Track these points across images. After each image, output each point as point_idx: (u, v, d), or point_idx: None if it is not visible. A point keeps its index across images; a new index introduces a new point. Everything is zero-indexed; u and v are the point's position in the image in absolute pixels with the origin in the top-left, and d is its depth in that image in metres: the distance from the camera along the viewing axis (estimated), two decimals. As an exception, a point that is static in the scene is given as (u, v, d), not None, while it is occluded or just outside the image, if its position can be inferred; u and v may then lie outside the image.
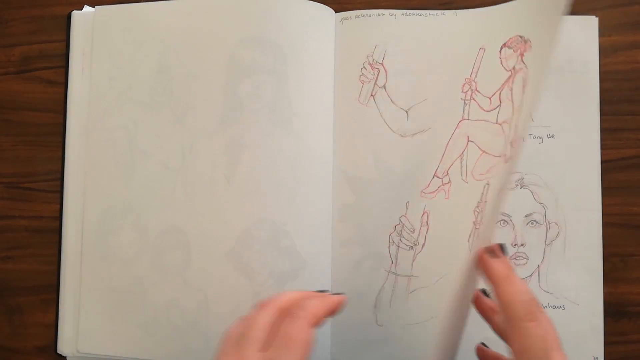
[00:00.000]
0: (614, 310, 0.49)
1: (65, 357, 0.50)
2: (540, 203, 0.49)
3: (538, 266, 0.49)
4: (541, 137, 0.50)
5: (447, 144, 0.49)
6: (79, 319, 0.49)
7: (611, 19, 0.52)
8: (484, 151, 0.47)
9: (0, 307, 0.52)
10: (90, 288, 0.48)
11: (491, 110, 0.47)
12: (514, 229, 0.49)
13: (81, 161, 0.50)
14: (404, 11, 0.50)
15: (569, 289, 0.48)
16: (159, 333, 0.47)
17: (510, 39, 0.45)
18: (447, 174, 0.49)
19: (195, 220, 0.48)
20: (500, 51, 0.47)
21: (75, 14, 0.52)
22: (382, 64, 0.50)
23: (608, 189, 0.49)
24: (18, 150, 0.53)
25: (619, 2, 0.52)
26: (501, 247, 0.38)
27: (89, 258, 0.49)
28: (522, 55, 0.43)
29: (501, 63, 0.48)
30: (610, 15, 0.52)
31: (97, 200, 0.49)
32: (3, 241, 0.52)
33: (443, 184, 0.49)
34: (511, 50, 0.45)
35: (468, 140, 0.48)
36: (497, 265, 0.36)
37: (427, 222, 0.49)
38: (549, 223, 0.49)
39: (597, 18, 0.50)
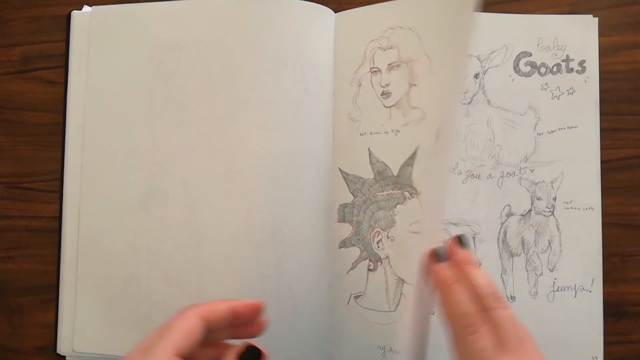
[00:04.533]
0: (614, 310, 0.49)
1: (65, 357, 0.50)
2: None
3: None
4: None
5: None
6: (75, 318, 0.49)
7: (611, 19, 0.52)
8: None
9: (0, 307, 0.52)
10: (88, 287, 0.48)
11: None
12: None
13: (81, 161, 0.50)
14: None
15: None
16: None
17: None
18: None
19: (193, 219, 0.48)
20: None
21: (75, 14, 0.52)
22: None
23: (608, 189, 0.49)
24: (18, 150, 0.53)
25: (619, 2, 0.52)
26: (459, 240, 0.33)
27: (87, 257, 0.49)
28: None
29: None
30: (610, 15, 0.52)
31: (97, 200, 0.49)
32: (3, 241, 0.52)
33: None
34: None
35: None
36: (439, 273, 0.32)
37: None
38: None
39: (597, 18, 0.50)
